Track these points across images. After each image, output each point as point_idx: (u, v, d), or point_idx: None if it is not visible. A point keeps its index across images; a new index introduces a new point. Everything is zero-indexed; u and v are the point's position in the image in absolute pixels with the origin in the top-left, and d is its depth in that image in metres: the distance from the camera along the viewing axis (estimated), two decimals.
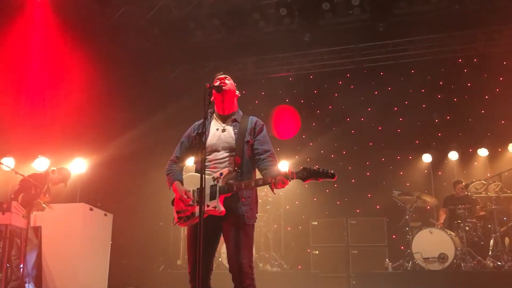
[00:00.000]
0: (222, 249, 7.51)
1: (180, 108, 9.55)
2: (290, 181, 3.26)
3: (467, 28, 9.29)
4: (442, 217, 8.27)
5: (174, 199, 3.60)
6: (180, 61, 10.36)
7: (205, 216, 3.30)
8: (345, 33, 9.25)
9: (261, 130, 3.66)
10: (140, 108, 9.52)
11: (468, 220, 7.86)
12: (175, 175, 3.64)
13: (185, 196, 3.47)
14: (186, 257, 8.88)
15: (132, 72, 9.77)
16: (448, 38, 9.50)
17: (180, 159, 3.75)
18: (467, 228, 7.76)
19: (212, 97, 3.63)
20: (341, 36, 9.32)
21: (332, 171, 3.23)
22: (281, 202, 9.39)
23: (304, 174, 3.24)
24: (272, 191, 3.46)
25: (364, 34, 9.39)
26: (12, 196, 6.76)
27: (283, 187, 3.29)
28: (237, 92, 3.79)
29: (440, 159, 9.69)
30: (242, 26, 9.29)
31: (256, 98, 10.46)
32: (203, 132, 3.37)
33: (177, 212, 3.53)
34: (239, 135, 3.58)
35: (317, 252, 8.67)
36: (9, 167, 6.72)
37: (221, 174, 3.45)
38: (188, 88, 10.19)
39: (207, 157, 3.53)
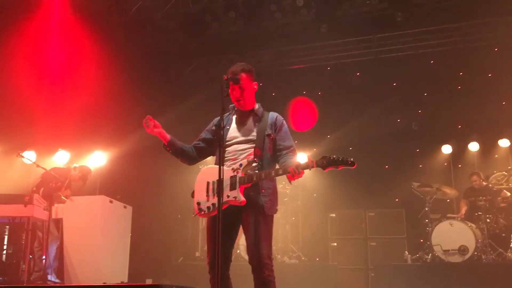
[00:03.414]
0: (240, 241, 7.54)
1: (198, 101, 9.58)
2: (310, 169, 3.30)
3: (487, 17, 9.09)
4: (463, 209, 8.15)
5: (193, 191, 3.65)
6: (196, 54, 10.35)
7: (225, 206, 3.35)
8: (363, 23, 9.11)
9: (282, 126, 3.70)
10: (158, 101, 9.58)
11: (489, 212, 7.75)
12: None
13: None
14: (205, 248, 9.01)
15: (149, 66, 9.82)
16: (468, 27, 9.31)
17: (195, 146, 3.83)
18: (488, 220, 7.66)
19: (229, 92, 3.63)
20: (359, 26, 9.18)
21: (352, 159, 3.28)
22: (298, 195, 9.37)
23: (324, 163, 3.29)
24: (290, 182, 3.49)
25: (382, 24, 9.22)
26: (34, 188, 6.89)
27: (299, 177, 3.32)
28: (255, 86, 3.75)
29: (460, 151, 9.55)
30: (259, 18, 9.23)
31: (273, 91, 10.42)
32: (220, 125, 3.42)
33: (197, 204, 3.56)
34: (260, 128, 3.62)
35: (335, 244, 8.65)
36: (31, 160, 6.85)
37: (240, 165, 3.49)
38: (205, 81, 10.22)
39: (227, 149, 3.59)
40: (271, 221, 3.54)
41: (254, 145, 3.56)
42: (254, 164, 3.50)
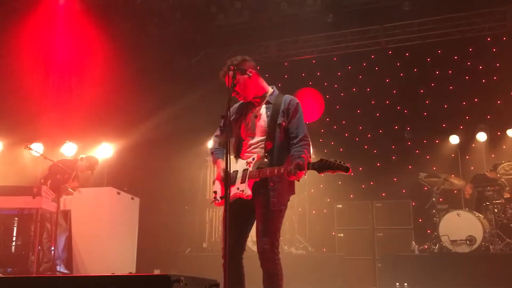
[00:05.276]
0: None
1: (204, 92, 9.58)
2: (306, 171, 3.28)
3: (495, 5, 9.00)
4: (468, 191, 8.12)
5: (214, 179, 3.69)
6: (202, 45, 10.34)
7: (234, 198, 3.40)
8: (370, 13, 9.07)
9: (295, 111, 3.62)
10: (164, 93, 9.58)
11: (497, 202, 7.71)
12: (218, 154, 3.71)
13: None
14: (212, 239, 9.08)
15: (155, 57, 9.82)
16: (476, 16, 9.22)
17: (219, 137, 3.79)
18: (495, 210, 7.61)
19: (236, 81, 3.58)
20: (365, 16, 9.15)
21: (348, 165, 3.23)
22: (305, 185, 9.36)
23: (320, 165, 3.27)
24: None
25: (389, 14, 9.18)
26: (42, 180, 6.93)
27: (296, 178, 3.31)
28: (250, 74, 3.61)
29: (467, 142, 9.48)
30: (265, 9, 9.21)
31: (279, 81, 10.36)
32: (227, 115, 3.40)
33: (214, 192, 3.59)
34: (271, 118, 3.57)
35: (342, 235, 8.63)
36: (38, 153, 6.88)
37: (253, 159, 3.50)
38: (211, 72, 10.19)
39: (244, 141, 3.60)
40: (279, 214, 3.49)
41: (265, 137, 3.53)
42: (265, 160, 3.49)
